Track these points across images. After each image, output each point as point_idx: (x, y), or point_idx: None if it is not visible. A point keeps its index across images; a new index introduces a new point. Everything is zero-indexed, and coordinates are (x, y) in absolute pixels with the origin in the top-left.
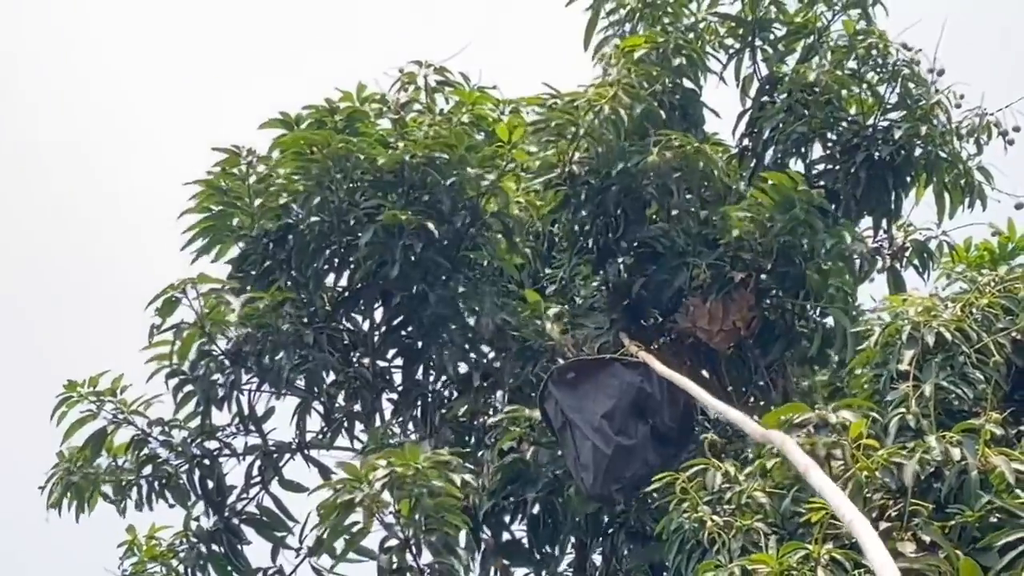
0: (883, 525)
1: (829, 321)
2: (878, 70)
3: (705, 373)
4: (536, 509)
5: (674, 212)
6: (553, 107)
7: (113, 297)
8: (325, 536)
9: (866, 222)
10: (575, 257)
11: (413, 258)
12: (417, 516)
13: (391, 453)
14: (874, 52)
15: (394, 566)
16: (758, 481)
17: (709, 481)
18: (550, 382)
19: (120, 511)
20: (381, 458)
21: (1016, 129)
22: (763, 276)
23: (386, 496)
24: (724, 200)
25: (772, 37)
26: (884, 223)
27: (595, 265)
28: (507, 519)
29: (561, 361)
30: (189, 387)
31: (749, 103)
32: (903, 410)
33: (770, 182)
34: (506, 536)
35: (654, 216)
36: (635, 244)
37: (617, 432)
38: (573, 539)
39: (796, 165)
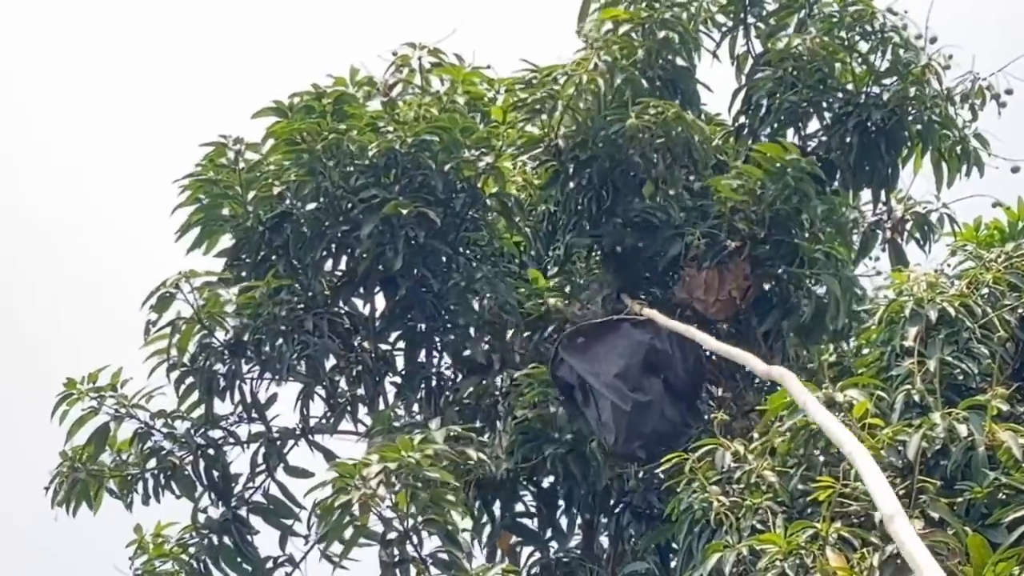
0: None
1: (823, 289)
2: (867, 37)
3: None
4: (550, 479)
5: (663, 182)
6: (532, 82)
7: (109, 293)
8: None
9: (866, 196)
10: (569, 233)
11: (414, 244)
12: (414, 508)
13: (386, 447)
14: (862, 19)
15: (396, 558)
16: (767, 460)
17: (718, 461)
18: (561, 348)
19: (127, 506)
20: (375, 452)
21: (1009, 92)
22: (758, 245)
23: (382, 491)
24: (719, 172)
25: (764, 12)
26: (882, 195)
27: (590, 239)
28: (524, 483)
29: (570, 327)
30: (190, 379)
31: (744, 80)
32: (909, 386)
33: (761, 153)
34: (519, 508)
35: (647, 192)
36: (630, 216)
37: (633, 390)
38: (580, 520)
39: (793, 138)
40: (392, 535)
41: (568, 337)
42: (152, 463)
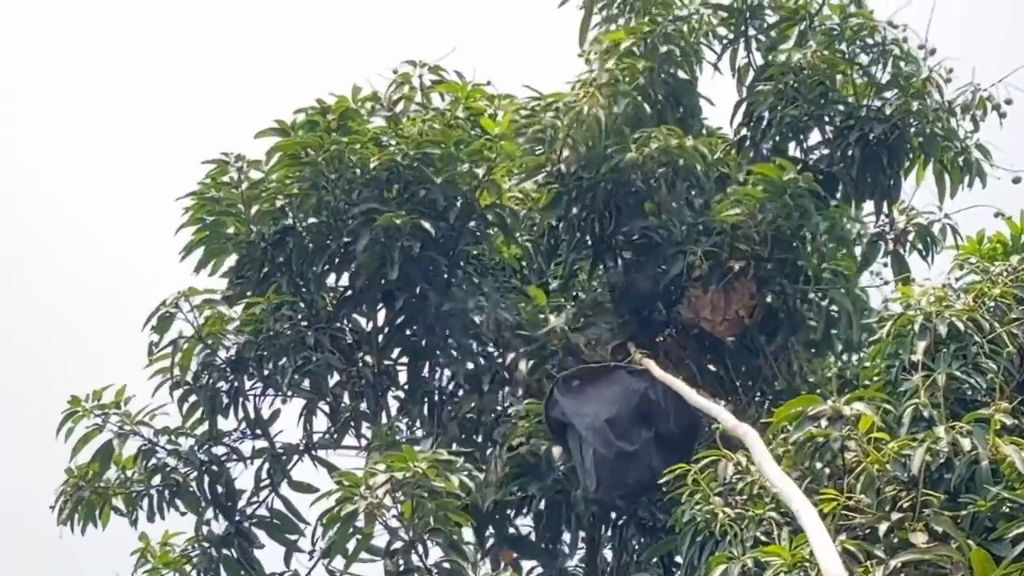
0: (895, 516)
1: (832, 304)
2: (867, 50)
3: (712, 367)
4: (542, 505)
5: (665, 205)
6: (535, 110)
7: (113, 313)
8: (332, 546)
9: (868, 208)
10: (572, 253)
11: (412, 257)
12: (419, 518)
13: (390, 457)
14: (863, 32)
15: (401, 568)
16: None
17: (721, 472)
18: (555, 388)
19: (132, 523)
20: (380, 462)
21: (1008, 102)
22: (762, 263)
23: (387, 501)
24: (723, 187)
25: (765, 25)
26: (885, 207)
27: (594, 259)
28: (512, 514)
29: (572, 361)
30: (193, 397)
31: (746, 93)
32: (916, 400)
33: (760, 174)
34: (511, 531)
35: (648, 209)
36: (633, 236)
37: (619, 438)
38: (583, 533)
39: (794, 151)
40: (397, 545)
41: (564, 379)
42: (157, 480)
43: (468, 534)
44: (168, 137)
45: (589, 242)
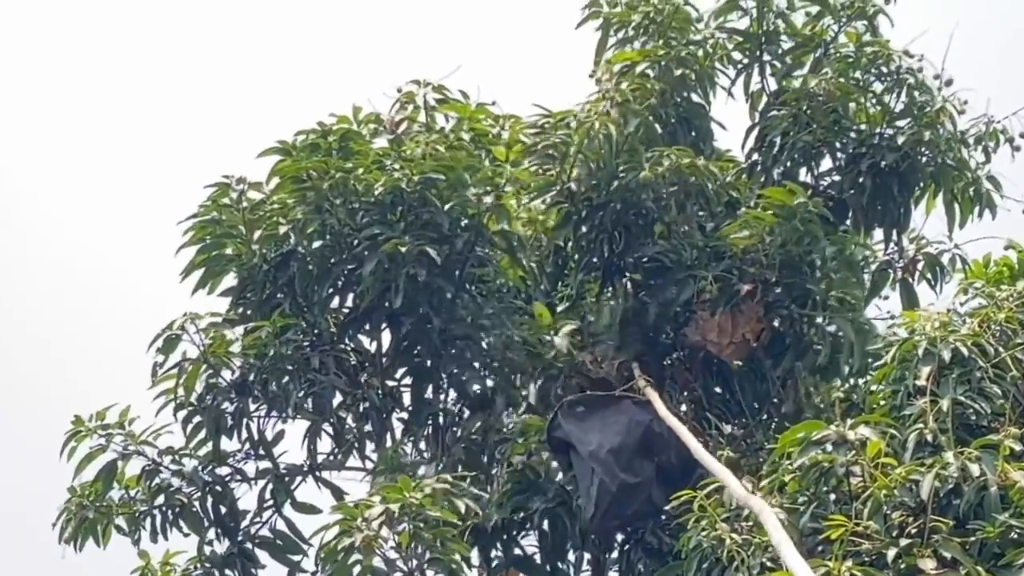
0: (903, 542)
1: (836, 328)
2: (882, 79)
3: (719, 389)
4: (544, 523)
5: (675, 227)
6: (545, 127)
7: (117, 333)
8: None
9: (878, 235)
10: (581, 273)
11: (418, 281)
12: (418, 548)
13: (386, 488)
14: (878, 61)
15: None
16: (776, 497)
17: (727, 498)
18: (559, 413)
19: (135, 542)
20: (376, 493)
21: (1023, 135)
22: (770, 287)
23: (384, 532)
24: (733, 211)
25: (780, 51)
26: (894, 234)
27: (602, 281)
28: (516, 533)
29: (577, 379)
30: (198, 418)
31: (758, 118)
32: (921, 425)
33: (770, 198)
34: (517, 551)
35: (659, 231)
36: (642, 259)
37: (623, 469)
38: (588, 556)
39: (805, 177)
40: (397, 575)
41: (568, 404)
42: (160, 500)
43: (474, 555)
44: (173, 154)
45: (597, 263)
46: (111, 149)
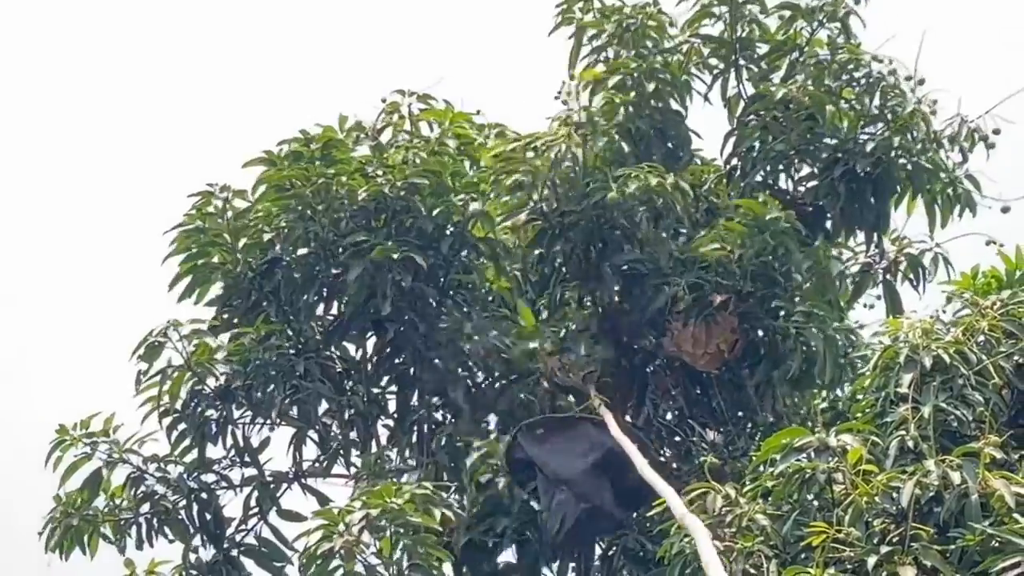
0: (884, 549)
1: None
2: (854, 83)
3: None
4: (512, 547)
5: (649, 242)
6: (514, 151)
7: (101, 339)
8: None
9: (860, 237)
10: (558, 286)
11: (403, 288)
12: (398, 554)
13: (367, 493)
14: (850, 66)
15: None
16: (759, 504)
17: (709, 504)
18: (519, 435)
19: (120, 550)
20: (357, 498)
21: (996, 132)
22: (744, 299)
23: (366, 537)
24: (712, 219)
25: (755, 56)
26: (874, 238)
27: (580, 290)
28: (491, 549)
29: (542, 388)
30: (182, 425)
31: (736, 123)
32: (903, 433)
33: (741, 209)
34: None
35: (635, 243)
36: (620, 267)
37: (587, 492)
38: (573, 564)
39: (784, 183)
40: None
41: (528, 426)
42: (145, 507)
43: (448, 570)
44: (159, 162)
45: (574, 274)
46: (96, 156)
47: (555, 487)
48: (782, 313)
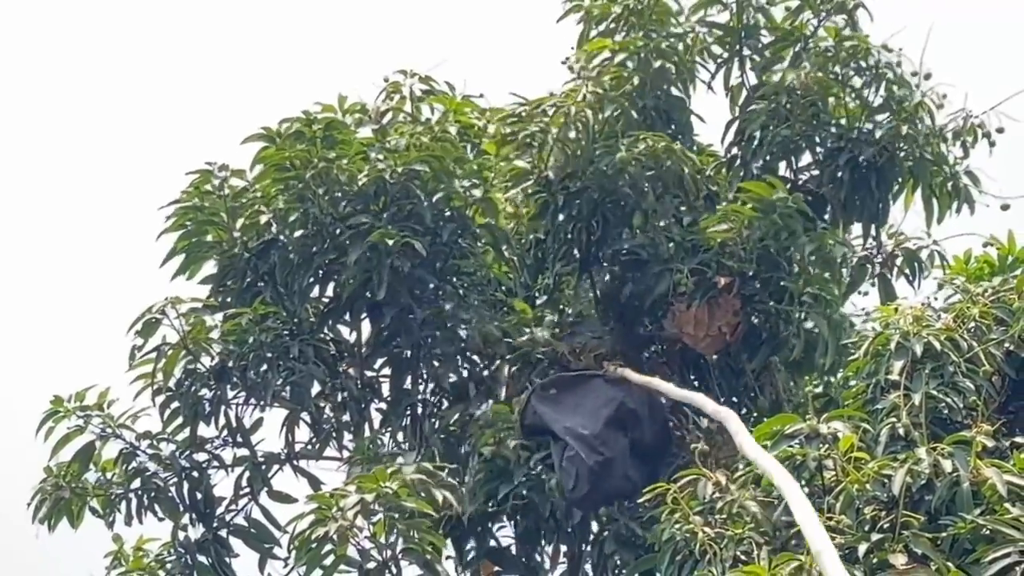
0: (874, 536)
1: (812, 324)
2: (861, 73)
3: (696, 382)
4: (515, 509)
5: (653, 215)
6: (522, 116)
7: (97, 314)
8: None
9: (857, 230)
10: (558, 263)
11: (401, 272)
12: (392, 538)
13: (361, 477)
14: (857, 55)
15: None
16: (749, 490)
17: (700, 491)
18: (532, 397)
19: (109, 525)
20: (351, 483)
21: (1000, 130)
22: (748, 281)
23: (360, 522)
24: (712, 205)
25: (759, 45)
26: (873, 230)
27: (580, 272)
28: (490, 524)
29: (556, 370)
30: (176, 403)
31: (738, 112)
32: (894, 419)
33: (749, 192)
34: (492, 543)
35: (637, 223)
36: (620, 252)
37: (598, 446)
38: (564, 548)
39: (784, 171)
40: (371, 565)
41: (541, 387)
42: (136, 483)
43: (449, 547)
44: (156, 139)
45: (576, 254)
46: (92, 132)
47: (569, 442)
48: (787, 295)
